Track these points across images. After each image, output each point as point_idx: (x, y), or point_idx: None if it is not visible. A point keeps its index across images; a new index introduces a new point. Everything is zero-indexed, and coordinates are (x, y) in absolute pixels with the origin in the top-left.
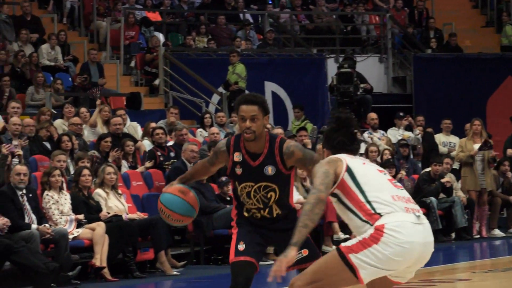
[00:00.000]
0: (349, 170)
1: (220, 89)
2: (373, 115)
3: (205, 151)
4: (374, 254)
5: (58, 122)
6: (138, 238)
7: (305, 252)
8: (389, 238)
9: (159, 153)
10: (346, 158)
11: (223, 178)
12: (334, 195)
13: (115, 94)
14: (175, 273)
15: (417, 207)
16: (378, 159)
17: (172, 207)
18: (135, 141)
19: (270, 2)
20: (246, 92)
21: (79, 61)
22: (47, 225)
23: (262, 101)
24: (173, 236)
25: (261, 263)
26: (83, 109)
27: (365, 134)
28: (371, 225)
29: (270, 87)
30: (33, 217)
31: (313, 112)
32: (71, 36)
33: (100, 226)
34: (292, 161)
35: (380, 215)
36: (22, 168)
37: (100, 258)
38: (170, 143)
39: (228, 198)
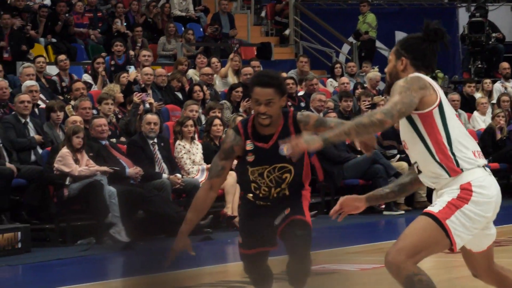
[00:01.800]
0: (440, 106)
1: (351, 39)
2: (505, 64)
3: (335, 101)
4: (465, 215)
5: (190, 72)
6: None
7: (287, 211)
8: (478, 196)
9: (289, 103)
10: (439, 90)
11: None
12: (410, 121)
13: (246, 44)
14: None
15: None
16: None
17: None
18: None
19: None
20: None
21: (210, 11)
22: (178, 175)
23: (279, 82)
24: None
25: None
26: (214, 59)
27: (497, 84)
28: (449, 176)
29: (400, 36)
30: (164, 166)
31: (444, 62)
32: None
33: (231, 176)
34: (310, 126)
35: (462, 170)
36: (153, 118)
37: (231, 207)
38: (301, 93)
39: (359, 148)
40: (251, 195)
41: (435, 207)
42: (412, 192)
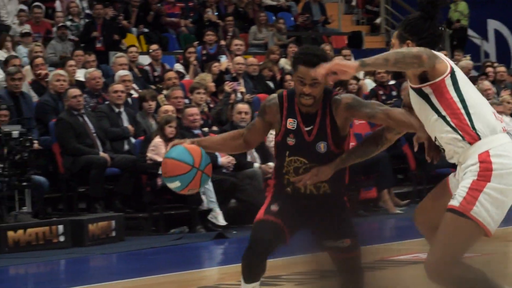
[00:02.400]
0: (452, 74)
1: (442, 28)
2: None
3: None
4: (490, 196)
5: (281, 62)
6: (361, 177)
7: (347, 242)
8: (499, 167)
9: (381, 92)
10: (448, 60)
11: None
12: (422, 94)
13: (336, 33)
14: (398, 211)
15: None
16: None
17: (168, 155)
18: (357, 80)
19: None
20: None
21: (301, 0)
22: (270, 163)
23: (325, 60)
24: (396, 175)
25: None
26: None
27: None
28: (467, 143)
29: (493, 25)
30: (256, 155)
31: None
32: None
33: None
34: (341, 109)
35: (478, 136)
36: (244, 107)
37: None
38: (392, 82)
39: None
40: (289, 188)
41: (456, 199)
42: None
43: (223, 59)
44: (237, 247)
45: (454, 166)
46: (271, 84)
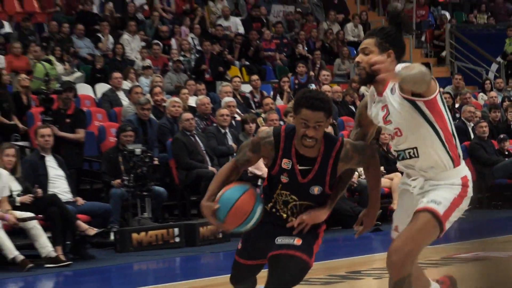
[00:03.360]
0: (439, 93)
1: (498, 59)
2: None
3: (485, 113)
4: (458, 211)
5: (361, 89)
6: None
7: (298, 241)
8: (470, 193)
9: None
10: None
11: (501, 136)
12: (415, 106)
13: None
14: (461, 216)
15: None
16: None
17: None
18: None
19: None
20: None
21: None
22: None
23: (329, 106)
24: None
25: None
26: None
27: None
28: (454, 166)
29: None
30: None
31: None
32: (371, 16)
33: (397, 176)
34: (347, 165)
35: (460, 161)
36: (329, 128)
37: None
38: (456, 105)
39: (506, 153)
40: (268, 208)
41: (441, 207)
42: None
43: (312, 87)
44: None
45: (510, 178)
46: (352, 108)
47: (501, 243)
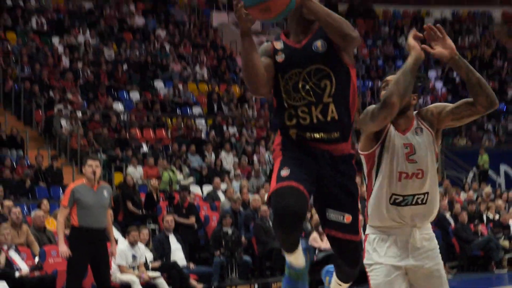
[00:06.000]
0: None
1: (474, 169)
2: None
3: (465, 205)
4: None
5: None
6: None
7: (348, 219)
8: None
9: None
10: None
11: (476, 221)
12: (433, 142)
13: None
14: (449, 276)
15: None
16: None
17: None
18: None
19: None
20: None
21: None
22: None
23: None
24: (448, 253)
25: None
26: None
27: None
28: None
29: (503, 167)
30: None
31: None
32: None
33: None
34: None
35: None
36: None
37: None
38: (445, 200)
39: (480, 233)
40: (293, 130)
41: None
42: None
43: None
44: None
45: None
46: None
47: None
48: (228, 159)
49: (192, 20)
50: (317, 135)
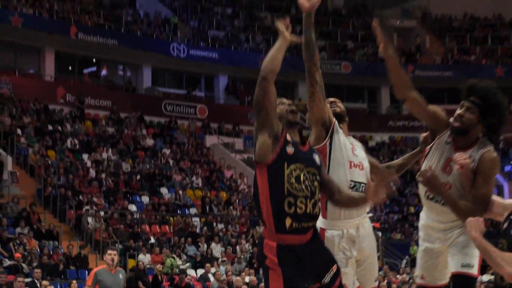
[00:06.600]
0: None
1: (407, 257)
2: None
3: (400, 286)
4: None
5: None
6: None
7: (334, 267)
8: None
9: None
10: None
11: None
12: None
13: None
14: None
15: None
16: None
17: None
18: None
19: None
20: None
21: None
22: None
23: None
24: None
25: None
26: None
27: None
28: None
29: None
30: None
31: None
32: None
33: None
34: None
35: None
36: None
37: None
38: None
39: None
40: (289, 219)
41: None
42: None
43: None
44: None
45: None
46: None
47: None
48: (217, 249)
49: (190, 142)
50: (311, 224)
